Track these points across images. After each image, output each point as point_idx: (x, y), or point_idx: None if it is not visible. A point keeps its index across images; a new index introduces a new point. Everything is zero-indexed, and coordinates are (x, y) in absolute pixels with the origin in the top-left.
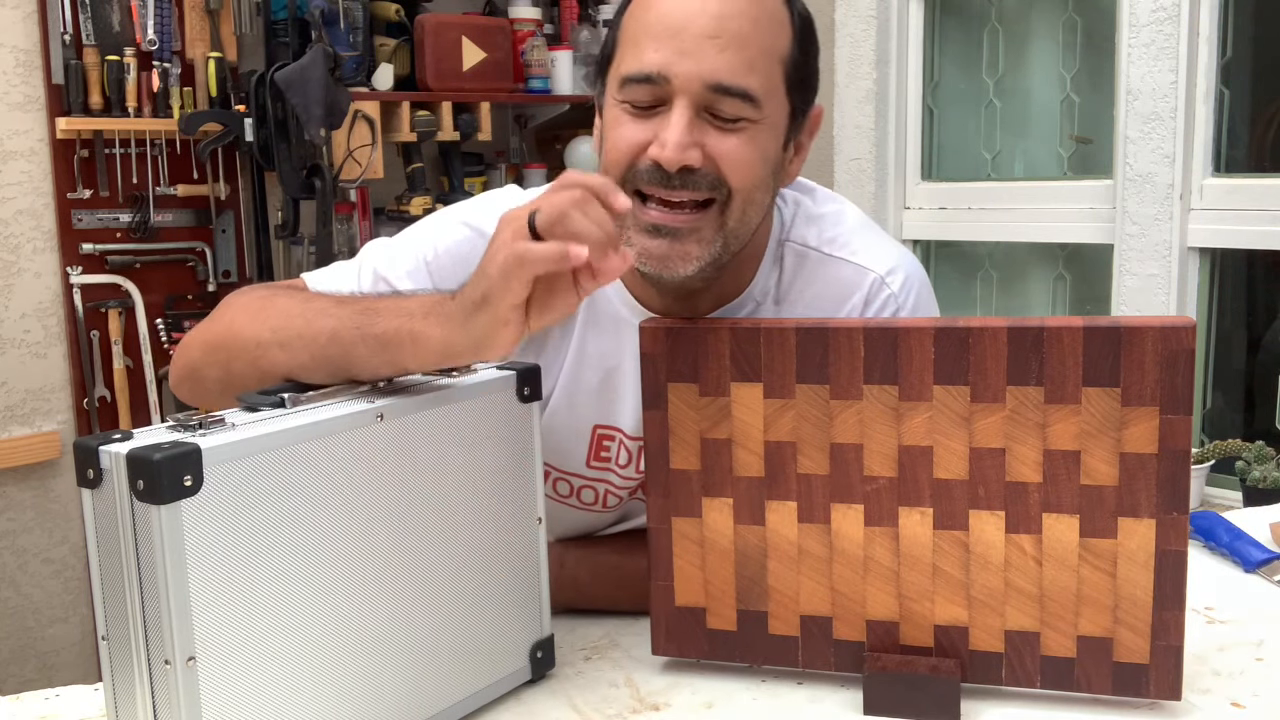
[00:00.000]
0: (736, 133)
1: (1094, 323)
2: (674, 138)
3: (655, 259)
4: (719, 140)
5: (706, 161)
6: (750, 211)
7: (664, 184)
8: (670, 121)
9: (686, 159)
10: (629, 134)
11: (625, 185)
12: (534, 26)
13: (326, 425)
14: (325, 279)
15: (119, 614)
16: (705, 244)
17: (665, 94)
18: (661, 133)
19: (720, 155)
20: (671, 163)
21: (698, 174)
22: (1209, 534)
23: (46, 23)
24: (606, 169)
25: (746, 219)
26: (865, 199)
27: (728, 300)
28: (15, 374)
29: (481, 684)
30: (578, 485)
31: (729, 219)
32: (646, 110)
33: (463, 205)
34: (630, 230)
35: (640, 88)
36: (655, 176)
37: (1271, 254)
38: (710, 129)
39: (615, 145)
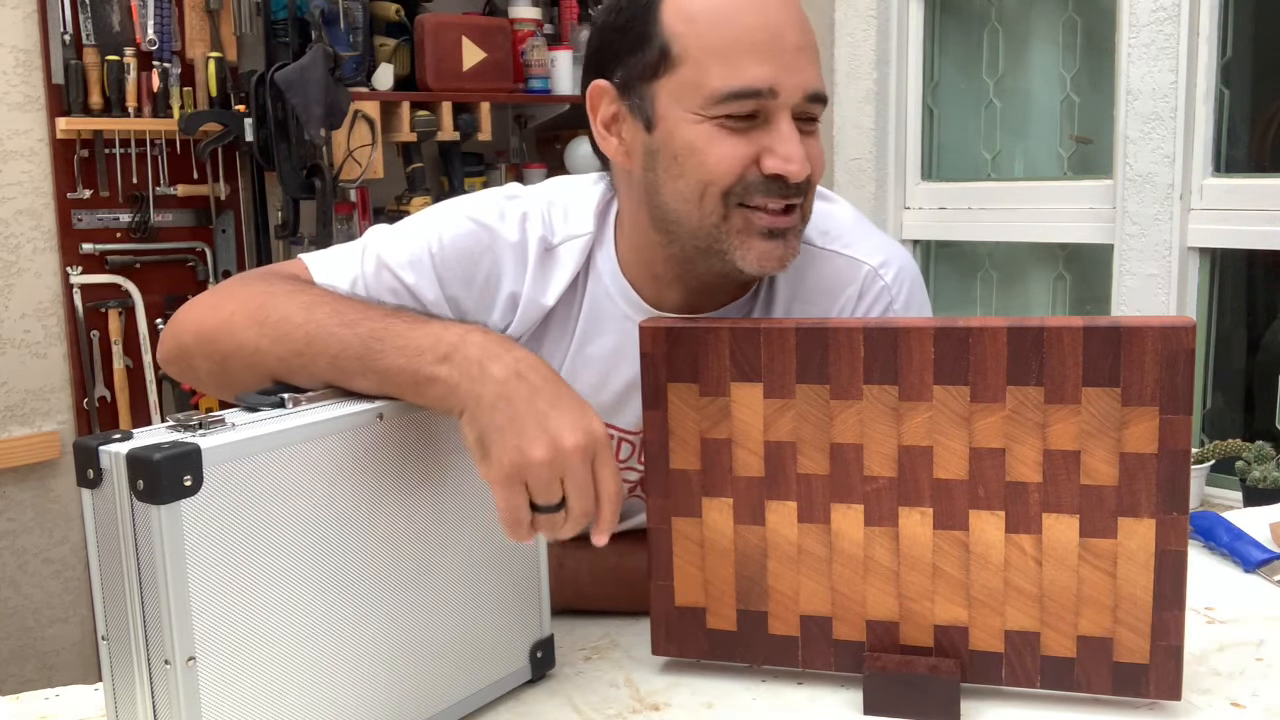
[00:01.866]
0: (814, 135)
1: (1094, 323)
2: (796, 152)
3: (774, 260)
4: (809, 145)
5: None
6: (813, 202)
7: (782, 194)
8: (785, 135)
9: (807, 170)
10: (735, 150)
11: (729, 199)
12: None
13: (326, 425)
14: (327, 263)
15: (119, 614)
16: (799, 236)
17: (766, 108)
18: (779, 147)
19: (813, 160)
20: (799, 175)
21: (805, 182)
22: (1209, 534)
23: (46, 23)
24: (705, 184)
25: (811, 209)
26: (865, 199)
27: (744, 294)
28: (15, 374)
29: (481, 684)
30: None
31: (806, 210)
32: (745, 125)
33: (467, 199)
34: (741, 235)
35: (746, 103)
36: (771, 189)
37: (1271, 254)
38: (802, 136)
39: (720, 161)
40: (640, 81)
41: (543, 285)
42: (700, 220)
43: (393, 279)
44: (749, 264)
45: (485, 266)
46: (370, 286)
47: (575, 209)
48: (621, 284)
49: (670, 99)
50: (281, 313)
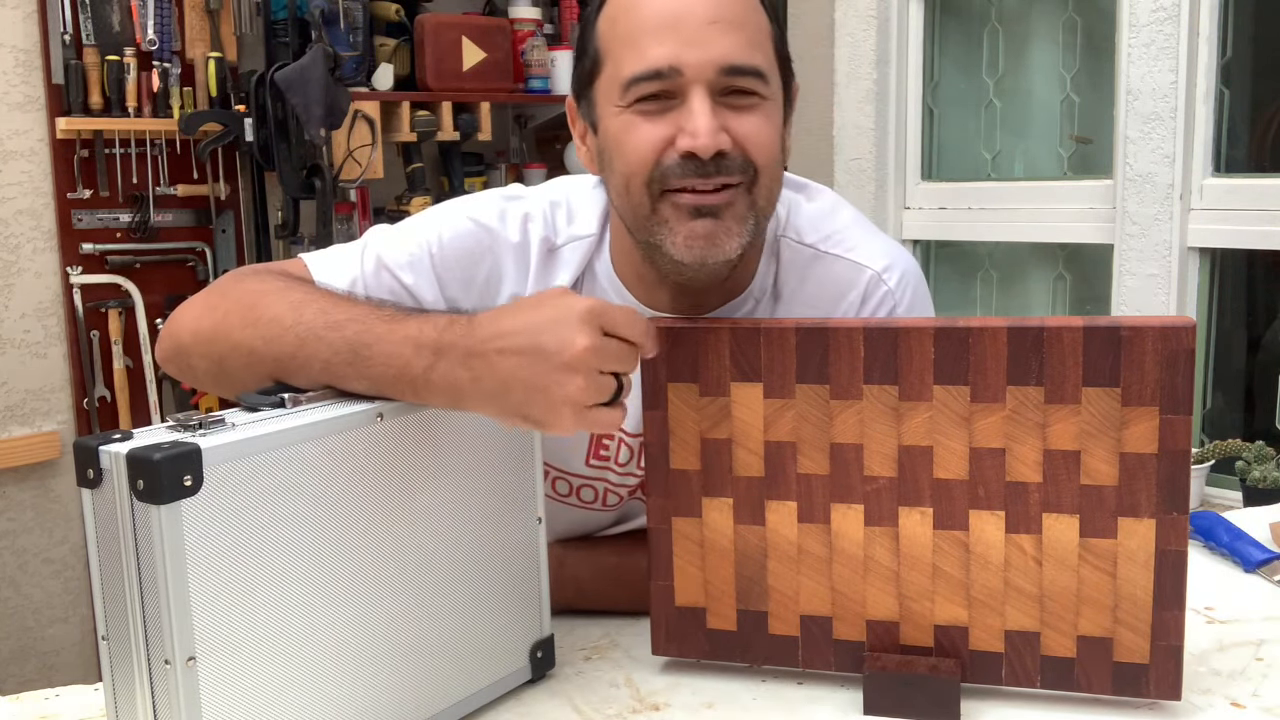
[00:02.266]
0: (751, 111)
1: (1094, 323)
2: (704, 124)
3: (702, 239)
4: (739, 121)
5: (733, 145)
6: (774, 188)
7: (698, 173)
8: (693, 110)
9: (719, 143)
10: (648, 135)
11: (652, 187)
12: (534, 26)
13: (326, 425)
14: (327, 262)
15: (119, 614)
16: (742, 220)
17: (677, 88)
18: (685, 124)
19: (744, 136)
20: (707, 149)
21: (728, 158)
22: (1209, 534)
23: (46, 23)
24: (628, 176)
25: (772, 196)
26: (865, 199)
27: (734, 295)
28: (15, 374)
29: (481, 684)
30: (577, 484)
31: (758, 197)
32: (659, 109)
33: (468, 199)
34: (669, 222)
35: (650, 84)
36: (687, 169)
37: (1271, 254)
38: (728, 112)
39: (635, 148)
40: (586, 89)
41: (545, 286)
42: (634, 214)
43: (392, 280)
44: (678, 249)
45: (486, 267)
46: (370, 287)
47: (580, 210)
48: (617, 285)
49: (602, 99)
50: (272, 314)
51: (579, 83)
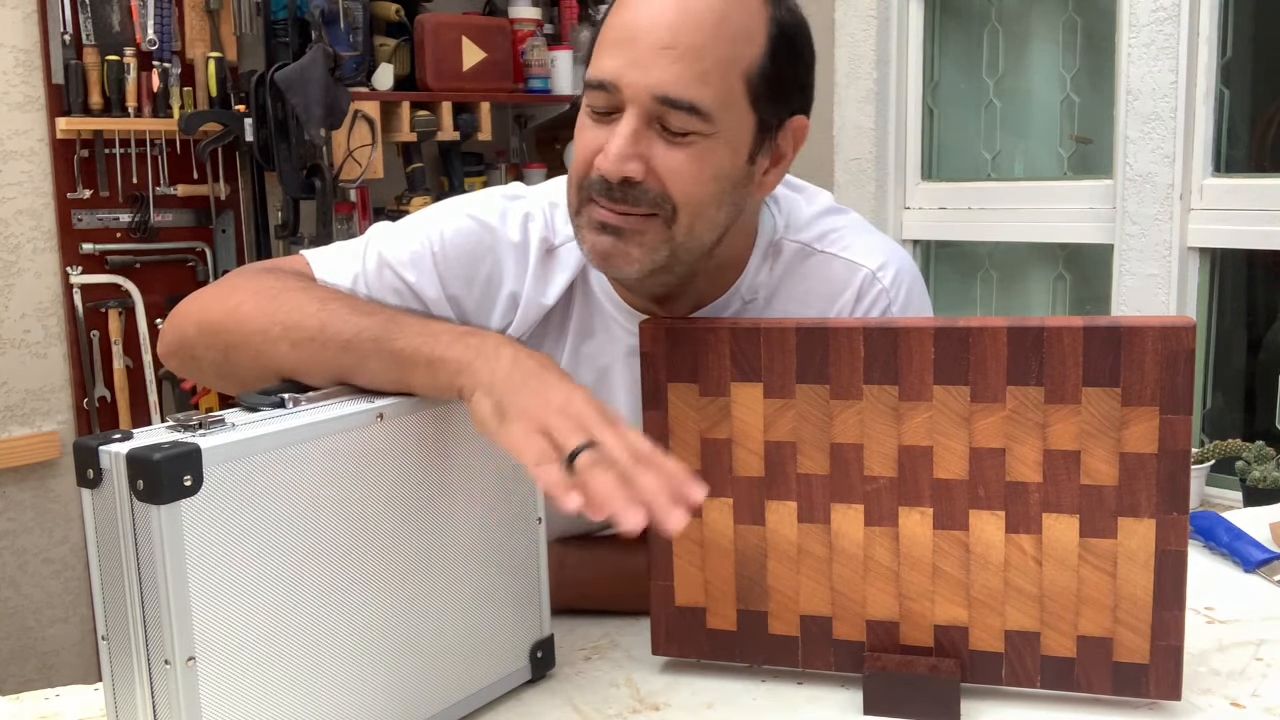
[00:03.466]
0: (684, 147)
1: (1094, 323)
2: (614, 148)
3: (599, 255)
4: (665, 154)
5: (649, 176)
6: (699, 226)
7: (607, 194)
8: (616, 132)
9: (625, 170)
10: (588, 140)
11: (583, 191)
12: (534, 26)
13: (326, 425)
14: (329, 259)
15: (119, 614)
16: (648, 249)
17: (618, 102)
18: (607, 143)
19: (665, 170)
20: (611, 174)
21: (639, 188)
22: (1209, 534)
23: (46, 23)
24: (570, 176)
25: (695, 233)
26: (865, 199)
27: (706, 303)
28: (15, 374)
29: (481, 684)
30: None
31: (676, 232)
32: (605, 116)
33: (469, 198)
34: (585, 229)
35: (597, 93)
36: (600, 187)
37: (1271, 254)
38: (658, 141)
39: (579, 149)
40: None
41: (543, 285)
42: (569, 209)
43: (394, 277)
44: (587, 256)
45: (487, 266)
46: (371, 284)
47: None
48: (605, 285)
49: None
50: (294, 303)
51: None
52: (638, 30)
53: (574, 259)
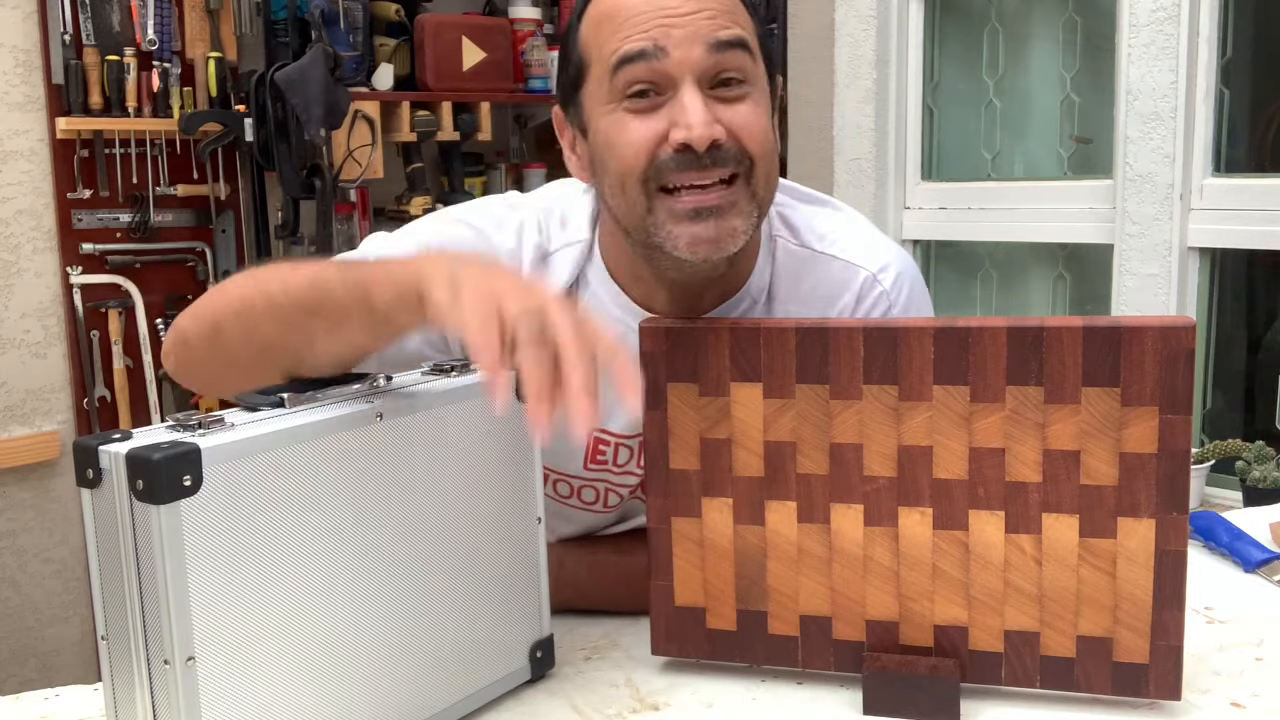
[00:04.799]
0: (742, 100)
1: (1094, 323)
2: (697, 116)
3: (706, 242)
4: (731, 113)
5: (728, 136)
6: (771, 179)
7: (695, 166)
8: (684, 103)
9: (714, 134)
10: (640, 131)
11: (648, 184)
12: (534, 26)
13: (326, 425)
14: None
15: (119, 614)
16: (744, 216)
17: (665, 78)
18: (679, 116)
19: (737, 126)
20: (702, 140)
21: (724, 149)
22: (1209, 534)
23: (46, 23)
24: (622, 175)
25: (770, 186)
26: (865, 199)
27: (730, 295)
28: (15, 374)
29: (481, 684)
30: (578, 485)
31: (756, 188)
32: (649, 106)
33: (464, 207)
34: (668, 225)
35: (637, 68)
36: (684, 162)
37: (1271, 254)
38: (718, 104)
39: (629, 145)
40: (573, 95)
41: None
42: (630, 214)
43: None
44: (683, 251)
45: None
46: None
47: (572, 216)
48: (612, 288)
49: (591, 101)
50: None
51: (564, 90)
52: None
53: (569, 265)
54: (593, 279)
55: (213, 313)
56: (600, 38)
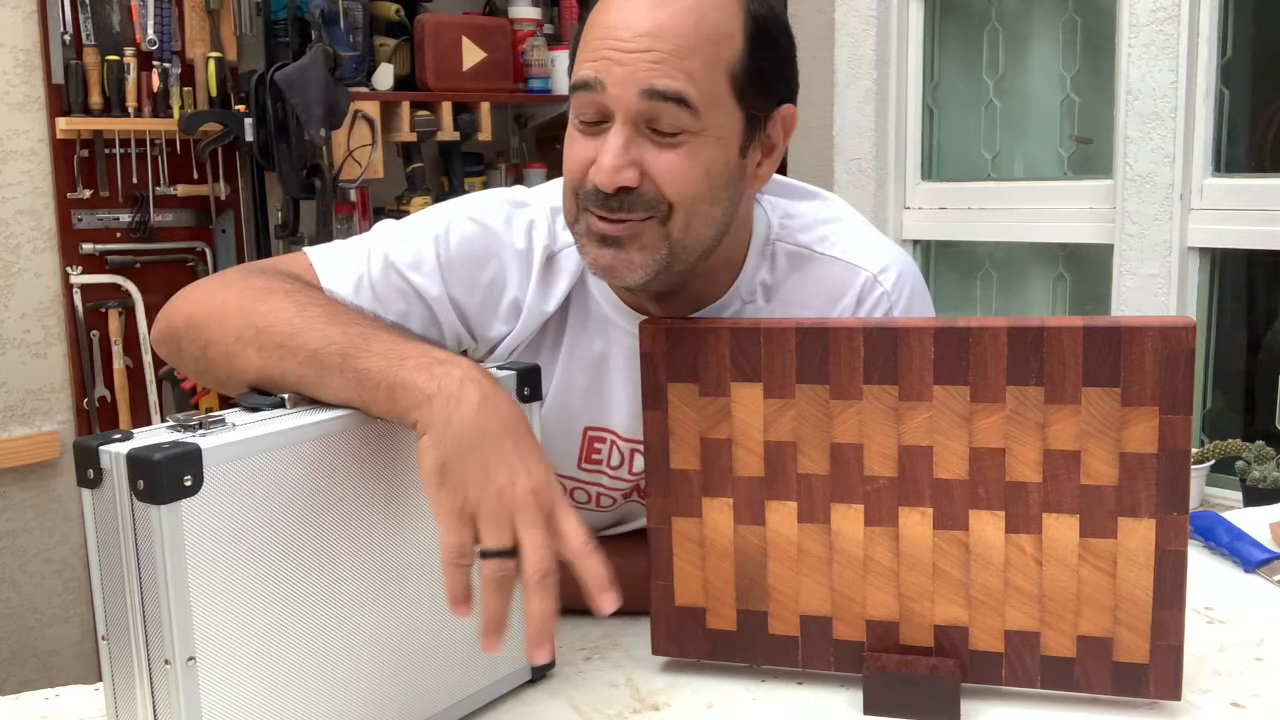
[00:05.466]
0: (675, 147)
1: (1094, 323)
2: (608, 160)
3: (603, 268)
4: (656, 156)
5: (644, 179)
6: (695, 223)
7: (603, 205)
8: (606, 142)
9: (620, 180)
10: (580, 152)
11: (579, 201)
12: (534, 26)
13: (326, 425)
14: (332, 259)
15: (119, 614)
16: (649, 251)
17: (605, 107)
18: (599, 154)
19: (658, 172)
20: (606, 185)
21: (634, 194)
22: (1209, 534)
23: (46, 23)
24: (565, 184)
25: (692, 230)
26: (865, 199)
27: (706, 303)
28: (15, 374)
29: (481, 684)
30: (570, 486)
31: (672, 230)
32: (594, 126)
33: (474, 200)
34: (583, 239)
35: (583, 96)
36: (595, 199)
37: (1271, 254)
38: (649, 144)
39: (571, 161)
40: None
41: (545, 293)
42: (567, 218)
43: (400, 279)
44: (590, 267)
45: (490, 271)
46: (377, 286)
47: None
48: (604, 288)
49: None
50: (272, 305)
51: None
52: (618, 33)
53: (573, 264)
54: (591, 281)
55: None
56: (581, 47)
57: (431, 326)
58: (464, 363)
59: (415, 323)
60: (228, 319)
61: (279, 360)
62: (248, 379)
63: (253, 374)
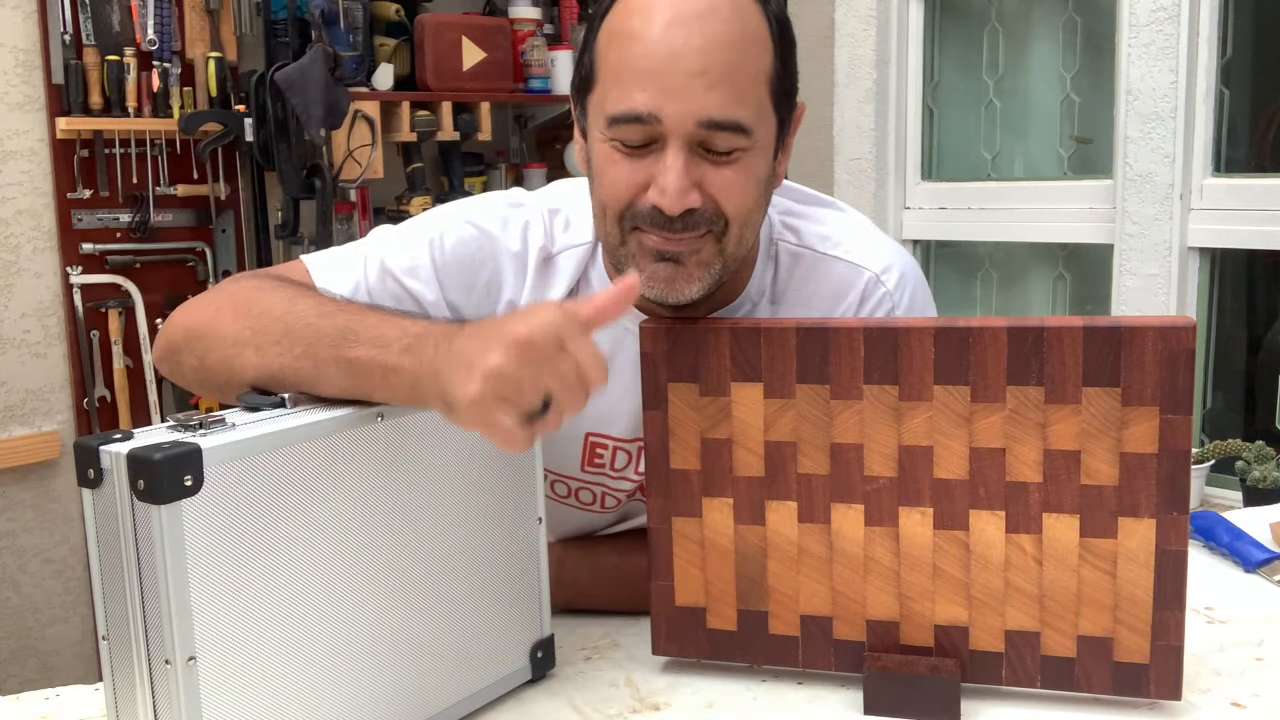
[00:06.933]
0: (731, 164)
1: (1094, 323)
2: (673, 184)
3: (661, 283)
4: (715, 174)
5: (705, 199)
6: (746, 234)
7: (665, 228)
8: (666, 165)
9: (687, 203)
10: (625, 174)
11: (624, 223)
12: (534, 26)
13: (326, 425)
14: (328, 265)
15: (119, 614)
16: (706, 266)
17: (657, 133)
18: (659, 178)
19: (717, 190)
20: (673, 209)
21: (697, 213)
22: (1209, 534)
23: (46, 23)
24: (604, 205)
25: (743, 242)
26: (865, 199)
27: (723, 305)
28: (15, 374)
29: (481, 684)
30: (575, 487)
31: (727, 244)
32: (639, 151)
33: (470, 204)
34: (636, 256)
35: (630, 128)
36: (656, 220)
37: (1271, 254)
38: (705, 164)
39: (613, 183)
40: (581, 95)
41: (541, 294)
42: (607, 240)
43: (396, 284)
44: (642, 285)
45: (486, 274)
46: (373, 290)
47: (576, 218)
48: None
49: (592, 116)
50: (264, 306)
51: (576, 85)
52: (666, 59)
53: (572, 266)
54: (594, 280)
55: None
56: (609, 65)
57: None
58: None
59: None
60: (224, 325)
61: (276, 356)
62: (248, 379)
63: (251, 374)
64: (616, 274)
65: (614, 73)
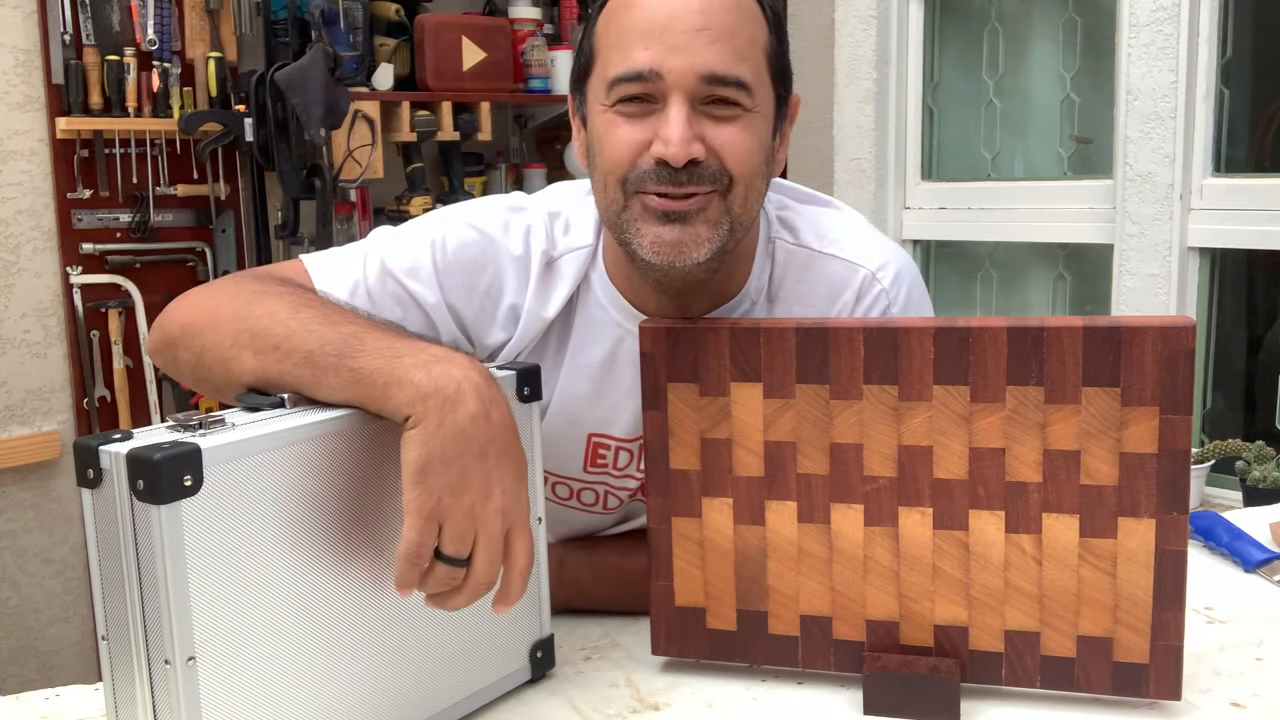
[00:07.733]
0: (732, 121)
1: (1094, 323)
2: (677, 133)
3: (668, 245)
4: (717, 131)
5: (708, 154)
6: (752, 198)
7: (670, 181)
8: (669, 118)
9: (692, 152)
10: (626, 136)
11: (626, 186)
12: (534, 26)
13: (326, 425)
14: (327, 266)
15: (119, 614)
16: (713, 225)
17: (658, 92)
18: (662, 130)
19: (720, 145)
20: (678, 158)
21: (701, 167)
22: (1209, 534)
23: (46, 23)
24: (605, 173)
25: (749, 205)
26: (865, 199)
27: (724, 301)
28: (15, 374)
29: (481, 684)
30: (577, 488)
31: (733, 204)
32: (640, 111)
33: (470, 206)
34: (639, 223)
35: (632, 85)
36: (661, 175)
37: (1271, 254)
38: (707, 121)
39: (615, 148)
40: (580, 85)
41: (544, 299)
42: (609, 210)
43: (396, 285)
44: (645, 251)
45: (487, 278)
46: (373, 292)
47: (576, 221)
48: (611, 292)
49: (592, 95)
50: (267, 308)
51: (575, 77)
52: (667, 18)
53: (573, 270)
54: (595, 283)
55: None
56: (608, 38)
57: (428, 333)
58: (462, 360)
59: (412, 329)
60: (222, 324)
61: (275, 362)
62: (244, 381)
63: (249, 377)
64: (620, 249)
65: (615, 42)
